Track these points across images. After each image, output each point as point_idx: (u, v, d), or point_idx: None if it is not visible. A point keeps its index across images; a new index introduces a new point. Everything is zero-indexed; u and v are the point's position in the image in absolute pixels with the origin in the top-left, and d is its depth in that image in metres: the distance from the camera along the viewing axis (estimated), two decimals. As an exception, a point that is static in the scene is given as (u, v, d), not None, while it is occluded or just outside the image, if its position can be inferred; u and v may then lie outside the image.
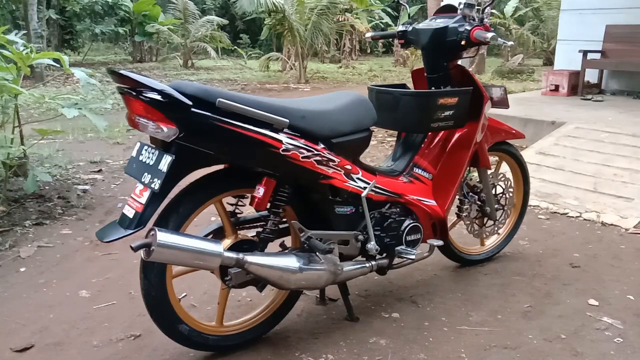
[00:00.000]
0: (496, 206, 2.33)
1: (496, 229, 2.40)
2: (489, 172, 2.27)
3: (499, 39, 1.88)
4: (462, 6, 1.96)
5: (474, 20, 1.96)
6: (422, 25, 2.07)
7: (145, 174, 1.44)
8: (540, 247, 2.64)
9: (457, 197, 2.25)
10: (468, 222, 2.30)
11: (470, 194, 2.27)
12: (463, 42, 1.92)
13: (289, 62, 12.00)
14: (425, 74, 2.10)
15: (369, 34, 2.40)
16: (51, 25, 12.93)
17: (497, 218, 2.35)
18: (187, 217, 1.53)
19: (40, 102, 3.94)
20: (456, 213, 2.30)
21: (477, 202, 2.28)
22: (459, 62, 2.13)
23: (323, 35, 11.33)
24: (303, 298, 1.94)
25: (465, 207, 2.26)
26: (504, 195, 2.39)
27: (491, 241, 2.49)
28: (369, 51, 18.74)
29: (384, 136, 5.08)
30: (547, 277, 2.31)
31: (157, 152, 1.45)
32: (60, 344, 1.78)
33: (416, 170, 2.04)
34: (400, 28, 2.13)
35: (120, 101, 6.28)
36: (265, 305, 1.81)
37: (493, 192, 2.33)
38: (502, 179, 2.38)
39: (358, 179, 1.75)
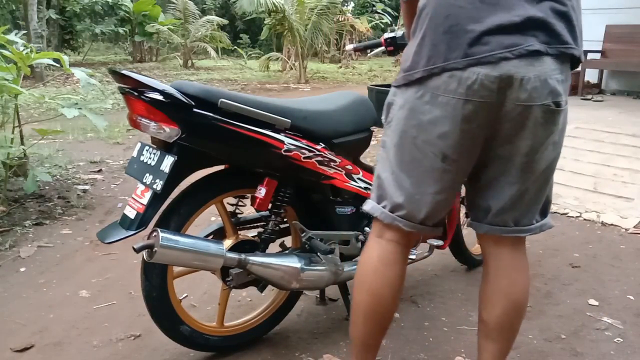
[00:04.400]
0: None
1: None
2: None
3: None
4: None
5: None
6: None
7: (147, 174, 1.44)
8: (540, 247, 2.64)
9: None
10: None
11: None
12: None
13: (289, 62, 12.01)
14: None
15: (350, 46, 2.29)
16: (51, 25, 12.94)
17: None
18: (189, 218, 1.53)
19: (40, 102, 3.94)
20: (465, 212, 2.30)
21: None
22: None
23: (323, 35, 11.34)
24: (303, 298, 1.94)
25: None
26: None
27: None
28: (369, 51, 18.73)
29: (384, 136, 5.07)
30: (547, 277, 2.31)
31: (158, 153, 1.45)
32: (60, 344, 1.78)
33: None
34: (387, 35, 2.07)
35: (120, 101, 6.30)
36: (266, 305, 1.81)
37: None
38: None
39: (359, 179, 1.75)
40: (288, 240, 1.82)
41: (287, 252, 1.73)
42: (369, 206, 1.27)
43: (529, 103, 1.06)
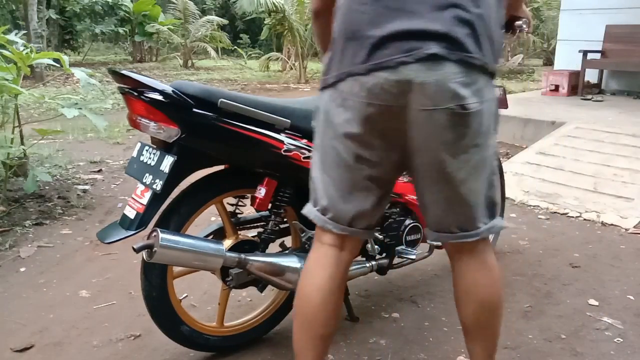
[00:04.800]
0: None
1: None
2: None
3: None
4: None
5: None
6: None
7: (147, 174, 1.44)
8: (540, 247, 2.64)
9: None
10: None
11: None
12: None
13: (289, 62, 12.00)
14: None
15: None
16: (51, 25, 12.94)
17: None
18: (188, 218, 1.53)
19: (40, 102, 3.95)
20: None
21: None
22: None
23: (323, 35, 11.29)
24: (303, 298, 1.94)
25: None
26: None
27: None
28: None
29: (384, 136, 5.07)
30: (547, 277, 2.31)
31: (158, 153, 1.45)
32: (60, 344, 1.78)
33: (416, 170, 2.04)
34: None
35: (120, 101, 6.29)
36: (266, 305, 1.81)
37: None
38: None
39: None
40: (288, 240, 1.82)
41: (287, 252, 1.73)
42: (306, 209, 1.29)
43: (432, 107, 1.05)
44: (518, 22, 1.75)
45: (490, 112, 1.13)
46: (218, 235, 1.65)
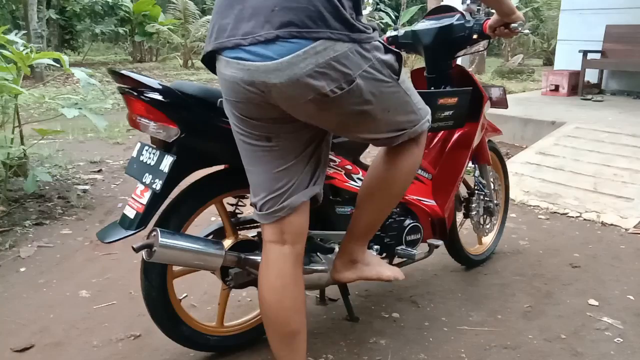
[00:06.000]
0: (495, 202, 2.35)
1: (493, 225, 2.42)
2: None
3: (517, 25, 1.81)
4: (468, 1, 1.94)
5: (478, 14, 1.95)
6: (420, 26, 2.06)
7: (146, 174, 1.44)
8: (540, 247, 2.64)
9: (464, 195, 2.27)
10: (476, 220, 2.30)
11: (477, 191, 2.27)
12: (475, 36, 1.91)
13: (289, 62, 11.97)
14: (425, 74, 2.09)
15: None
16: (51, 25, 12.93)
17: (495, 214, 2.37)
18: (188, 218, 1.53)
19: (40, 102, 3.94)
20: (463, 213, 2.30)
21: (486, 198, 2.29)
22: (459, 61, 2.12)
23: (323, 35, 11.29)
24: (303, 298, 1.94)
25: (473, 205, 2.26)
26: (494, 191, 2.39)
27: (489, 239, 2.49)
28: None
29: (384, 136, 5.06)
30: (547, 277, 2.31)
31: (158, 153, 1.45)
32: (60, 344, 1.78)
33: (416, 170, 2.04)
34: (390, 34, 2.10)
35: (120, 101, 6.29)
36: (266, 305, 1.81)
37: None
38: (490, 174, 2.38)
39: (358, 179, 1.75)
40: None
41: (287, 252, 1.72)
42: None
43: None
44: (514, 25, 1.76)
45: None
46: (218, 235, 1.65)
